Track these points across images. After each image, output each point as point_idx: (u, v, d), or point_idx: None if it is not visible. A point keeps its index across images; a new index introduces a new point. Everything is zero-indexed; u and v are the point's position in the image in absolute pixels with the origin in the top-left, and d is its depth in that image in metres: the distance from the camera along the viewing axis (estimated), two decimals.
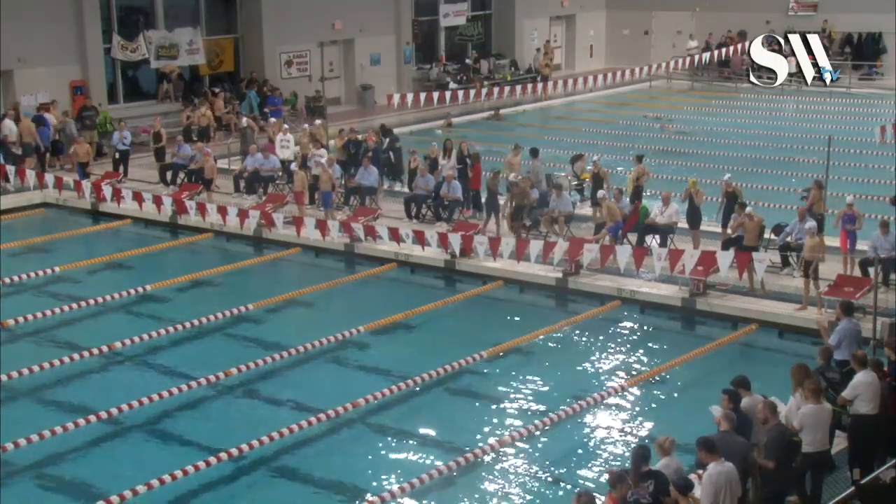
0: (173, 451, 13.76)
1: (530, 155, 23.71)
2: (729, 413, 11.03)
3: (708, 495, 10.17)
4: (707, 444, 10.43)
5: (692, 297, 18.27)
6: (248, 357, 16.27)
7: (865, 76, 41.17)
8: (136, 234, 23.79)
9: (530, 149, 24.11)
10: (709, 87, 41.71)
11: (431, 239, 19.92)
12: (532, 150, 23.86)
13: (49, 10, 29.91)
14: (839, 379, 12.61)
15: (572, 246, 19.15)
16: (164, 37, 32.68)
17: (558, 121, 36.27)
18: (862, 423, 12.01)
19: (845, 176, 25.40)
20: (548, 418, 14.35)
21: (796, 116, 35.27)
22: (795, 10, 42.89)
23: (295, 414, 14.59)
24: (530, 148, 24.22)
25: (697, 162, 28.15)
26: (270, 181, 25.12)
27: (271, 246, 22.45)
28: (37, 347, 17.09)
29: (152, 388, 15.11)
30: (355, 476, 13.18)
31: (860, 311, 15.70)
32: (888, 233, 17.47)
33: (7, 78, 29.47)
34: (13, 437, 13.45)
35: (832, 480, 12.13)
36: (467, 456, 13.32)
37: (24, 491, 12.91)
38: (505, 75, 41.20)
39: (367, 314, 18.14)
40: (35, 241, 23.03)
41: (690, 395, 15.29)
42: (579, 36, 46.27)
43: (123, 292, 19.24)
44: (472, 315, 18.96)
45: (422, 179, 23.48)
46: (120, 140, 27.06)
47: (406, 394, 15.31)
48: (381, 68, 38.31)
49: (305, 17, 35.60)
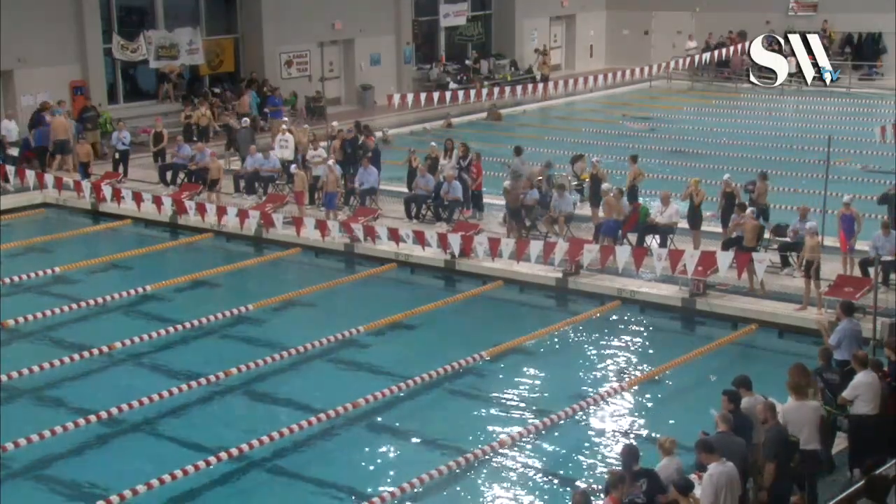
0: (173, 451, 13.75)
1: (514, 153, 23.87)
2: (726, 414, 11.03)
3: (708, 496, 10.18)
4: (706, 445, 10.45)
5: (692, 297, 18.27)
6: (248, 357, 16.26)
7: (865, 76, 41.17)
8: (136, 234, 23.79)
9: (514, 147, 24.35)
10: (709, 87, 41.71)
11: (431, 239, 19.92)
12: (516, 149, 24.08)
13: (49, 10, 29.90)
14: (839, 381, 12.60)
15: (572, 246, 19.15)
16: (164, 37, 32.67)
17: (558, 121, 36.26)
18: (862, 424, 12.01)
19: (845, 176, 25.42)
20: (548, 418, 14.34)
21: (796, 116, 35.25)
22: (795, 10, 42.90)
23: (295, 414, 14.59)
24: (514, 146, 24.46)
25: (697, 162, 28.15)
26: (270, 181, 25.13)
27: (271, 246, 22.44)
28: (37, 347, 17.09)
29: (152, 388, 15.10)
30: (355, 476, 13.18)
31: (860, 312, 15.69)
32: (889, 233, 17.46)
33: (7, 78, 29.46)
34: (13, 437, 13.46)
35: (832, 480, 12.13)
36: (467, 456, 13.32)
37: (24, 491, 12.91)
38: (505, 75, 41.19)
39: (367, 314, 18.14)
40: (35, 241, 23.04)
41: (690, 395, 15.29)
42: (579, 36, 46.27)
43: (123, 292, 19.23)
44: (472, 315, 18.96)
45: (422, 179, 23.48)
46: (119, 140, 27.07)
47: (406, 394, 15.32)
48: (381, 68, 38.31)
49: (305, 17, 35.60)
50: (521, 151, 23.86)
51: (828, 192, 19.96)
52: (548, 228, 21.44)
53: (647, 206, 20.95)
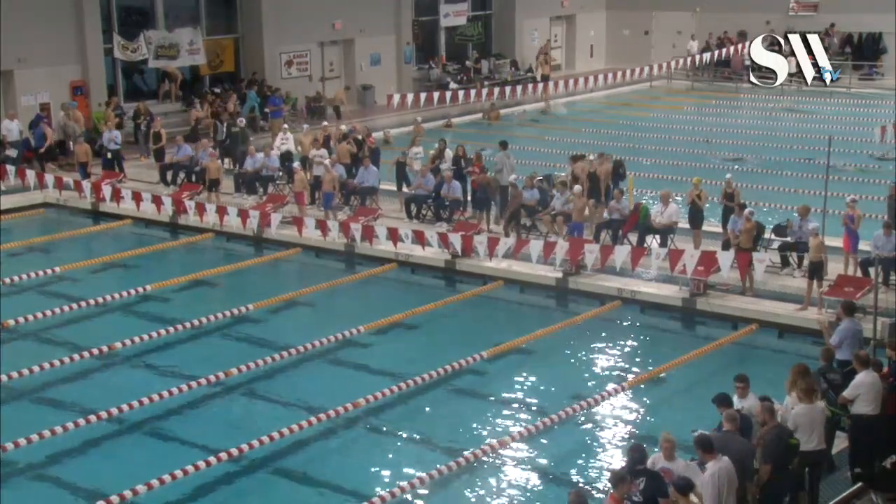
0: (173, 451, 13.76)
1: (499, 147, 23.96)
2: (733, 413, 11.03)
3: (711, 495, 10.17)
4: (704, 443, 10.44)
5: (692, 298, 18.27)
6: (248, 357, 16.26)
7: (865, 76, 41.15)
8: (136, 234, 23.78)
9: (500, 141, 24.51)
10: (709, 87, 41.70)
11: (431, 239, 19.91)
12: (501, 143, 24.22)
13: (49, 10, 29.89)
14: (840, 380, 12.60)
15: (572, 246, 19.15)
16: (164, 37, 32.65)
17: (558, 121, 36.25)
18: (863, 423, 12.01)
19: (845, 176, 25.41)
20: (548, 418, 14.33)
21: (796, 116, 35.25)
22: (795, 10, 42.88)
23: (295, 414, 14.59)
24: (500, 140, 24.64)
25: (697, 162, 28.13)
26: (270, 181, 25.12)
27: (271, 246, 22.44)
28: (37, 347, 17.09)
29: (152, 388, 15.10)
30: (355, 476, 13.18)
31: (861, 312, 15.68)
32: (890, 233, 17.45)
33: (7, 78, 29.45)
34: (13, 437, 13.45)
35: (832, 480, 12.13)
36: (467, 456, 13.32)
37: (24, 491, 12.91)
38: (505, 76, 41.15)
39: (367, 314, 18.14)
40: (35, 241, 23.04)
41: (690, 395, 15.28)
42: (579, 36, 46.25)
43: (123, 292, 19.23)
44: (472, 315, 18.96)
45: (422, 179, 23.49)
46: (110, 140, 27.05)
47: (406, 394, 15.31)
48: (381, 68, 38.31)
49: (305, 17, 35.60)
50: (507, 145, 24.02)
51: (828, 192, 19.93)
52: (548, 228, 21.44)
53: (647, 206, 20.94)
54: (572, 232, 20.30)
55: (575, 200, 20.58)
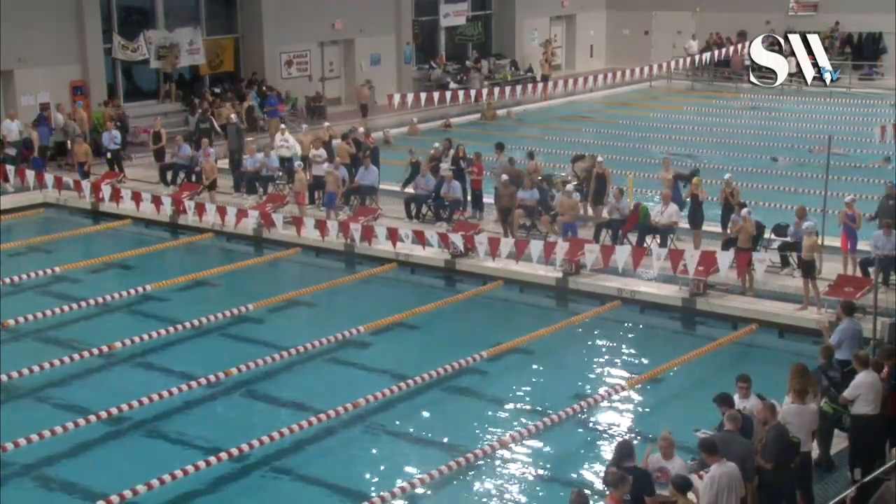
0: (173, 451, 13.76)
1: (495, 149, 23.93)
2: (734, 413, 11.02)
3: (708, 497, 10.16)
4: (708, 445, 10.43)
5: (692, 297, 18.27)
6: (248, 357, 16.26)
7: (865, 76, 41.14)
8: (136, 234, 23.78)
9: (496, 143, 24.53)
10: (709, 87, 41.69)
11: (432, 239, 19.91)
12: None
13: (49, 10, 29.88)
14: (840, 378, 12.61)
15: (572, 246, 19.15)
16: (164, 37, 32.64)
17: (559, 121, 36.25)
18: (863, 423, 12.01)
19: (845, 176, 25.40)
20: (548, 418, 14.33)
21: (796, 116, 35.24)
22: (795, 10, 42.86)
23: (295, 414, 14.60)
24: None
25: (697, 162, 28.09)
26: (270, 181, 25.12)
27: (271, 246, 22.44)
28: (37, 347, 17.09)
29: (152, 388, 15.10)
30: (355, 476, 13.18)
31: (860, 312, 15.69)
32: (890, 233, 17.45)
33: (7, 78, 29.44)
34: (13, 437, 13.45)
35: (832, 480, 12.13)
36: (467, 456, 13.31)
37: (24, 491, 12.92)
38: (505, 75, 41.13)
39: (367, 314, 18.13)
40: (35, 241, 23.04)
41: (690, 395, 15.28)
42: (579, 36, 46.22)
43: (123, 292, 19.23)
44: (472, 315, 18.96)
45: (422, 179, 23.49)
46: (110, 140, 27.03)
47: (406, 394, 15.31)
48: (381, 68, 38.29)
49: (305, 17, 35.58)
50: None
51: (828, 192, 19.93)
52: (547, 228, 21.44)
53: (646, 206, 20.94)
54: (566, 232, 20.28)
55: (563, 200, 20.56)
